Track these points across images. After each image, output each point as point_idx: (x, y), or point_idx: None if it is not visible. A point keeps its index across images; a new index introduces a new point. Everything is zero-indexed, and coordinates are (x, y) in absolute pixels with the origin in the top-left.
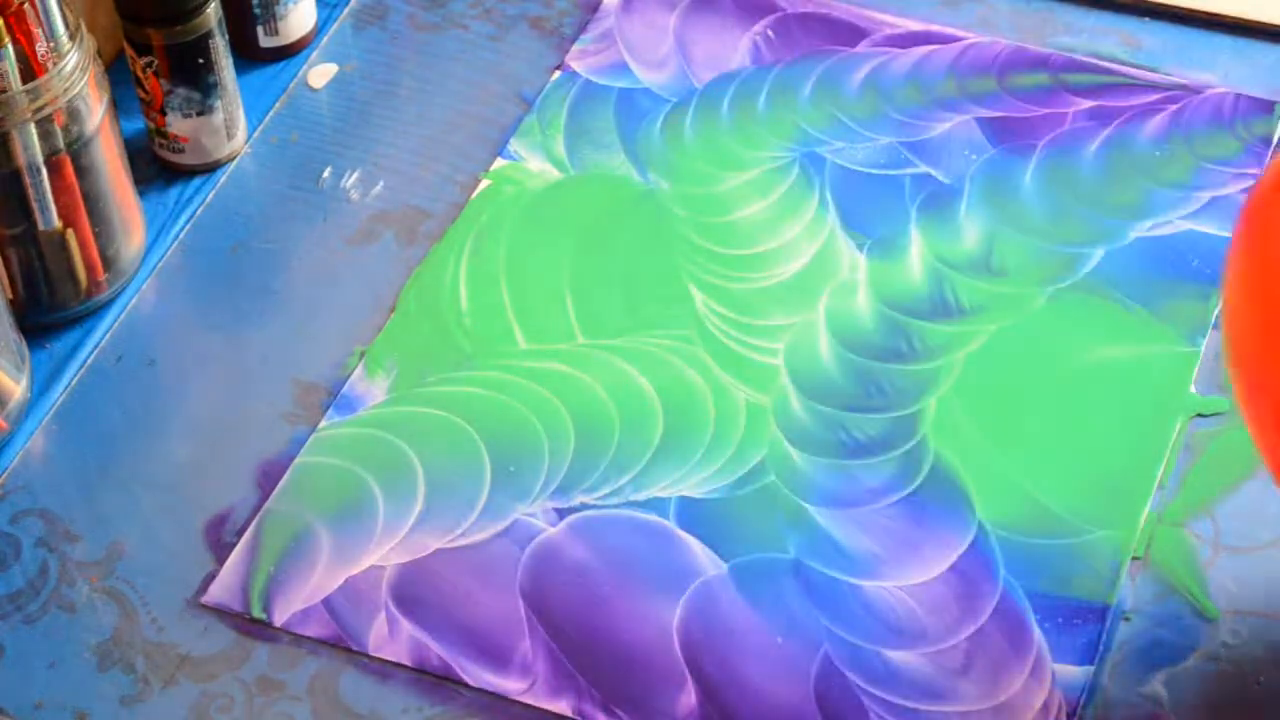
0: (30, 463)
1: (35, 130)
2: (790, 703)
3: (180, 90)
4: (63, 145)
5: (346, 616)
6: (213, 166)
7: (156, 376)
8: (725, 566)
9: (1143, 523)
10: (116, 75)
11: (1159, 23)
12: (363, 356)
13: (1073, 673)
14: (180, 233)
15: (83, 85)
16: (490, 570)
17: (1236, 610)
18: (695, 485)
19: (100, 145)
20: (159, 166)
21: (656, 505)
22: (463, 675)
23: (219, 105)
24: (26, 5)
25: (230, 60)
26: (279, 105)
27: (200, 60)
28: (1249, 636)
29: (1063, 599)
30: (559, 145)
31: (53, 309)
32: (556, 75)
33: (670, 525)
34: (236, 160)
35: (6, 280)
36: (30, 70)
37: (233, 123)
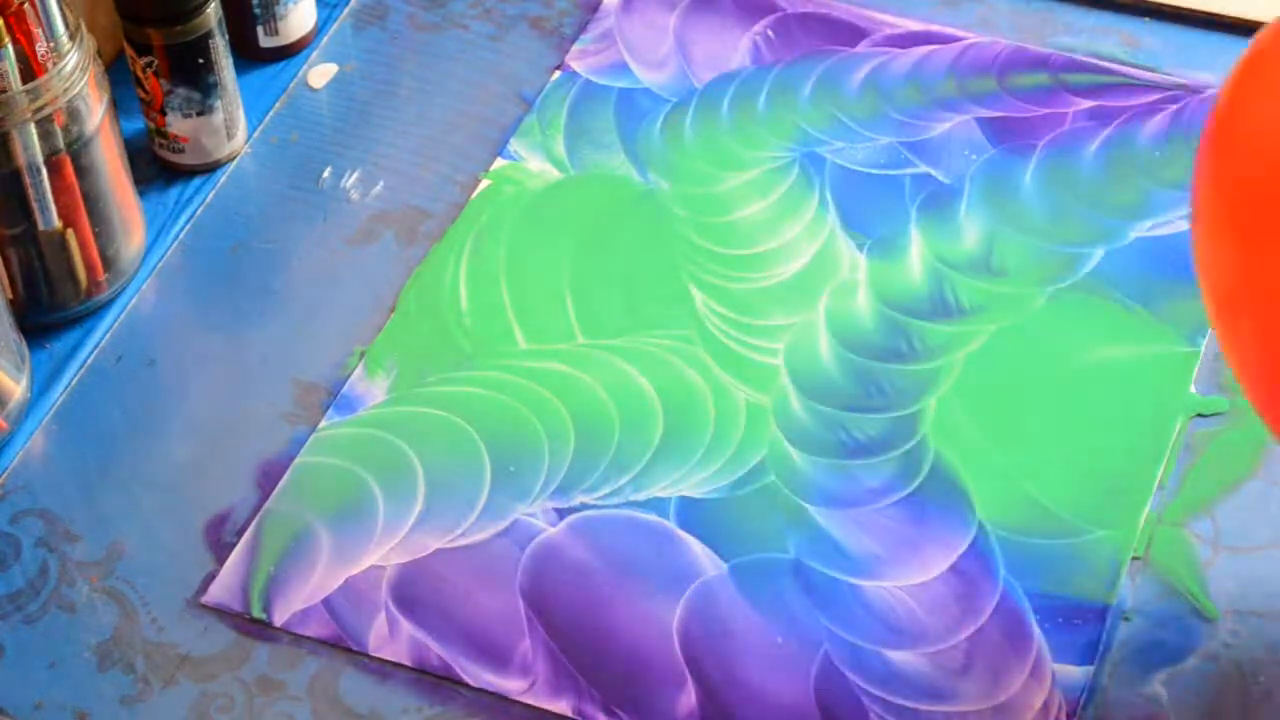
0: (30, 463)
1: (35, 130)
2: (790, 703)
3: (180, 90)
4: (63, 145)
5: (346, 616)
6: (213, 166)
7: (156, 376)
8: (725, 566)
9: (1143, 523)
10: (116, 75)
11: (1159, 23)
12: (363, 356)
13: (1073, 673)
14: (180, 233)
15: (83, 85)
16: (490, 570)
17: (1236, 610)
18: (695, 485)
19: (100, 145)
20: (159, 166)
21: (656, 505)
22: (463, 675)
23: (219, 105)
24: (26, 5)
25: (230, 60)
26: (279, 105)
27: (200, 60)
28: (1249, 636)
29: (1063, 599)
30: (559, 145)
31: (53, 309)
32: (556, 75)
33: (670, 525)
34: (236, 160)
35: (6, 280)
36: (30, 70)
37: (233, 123)
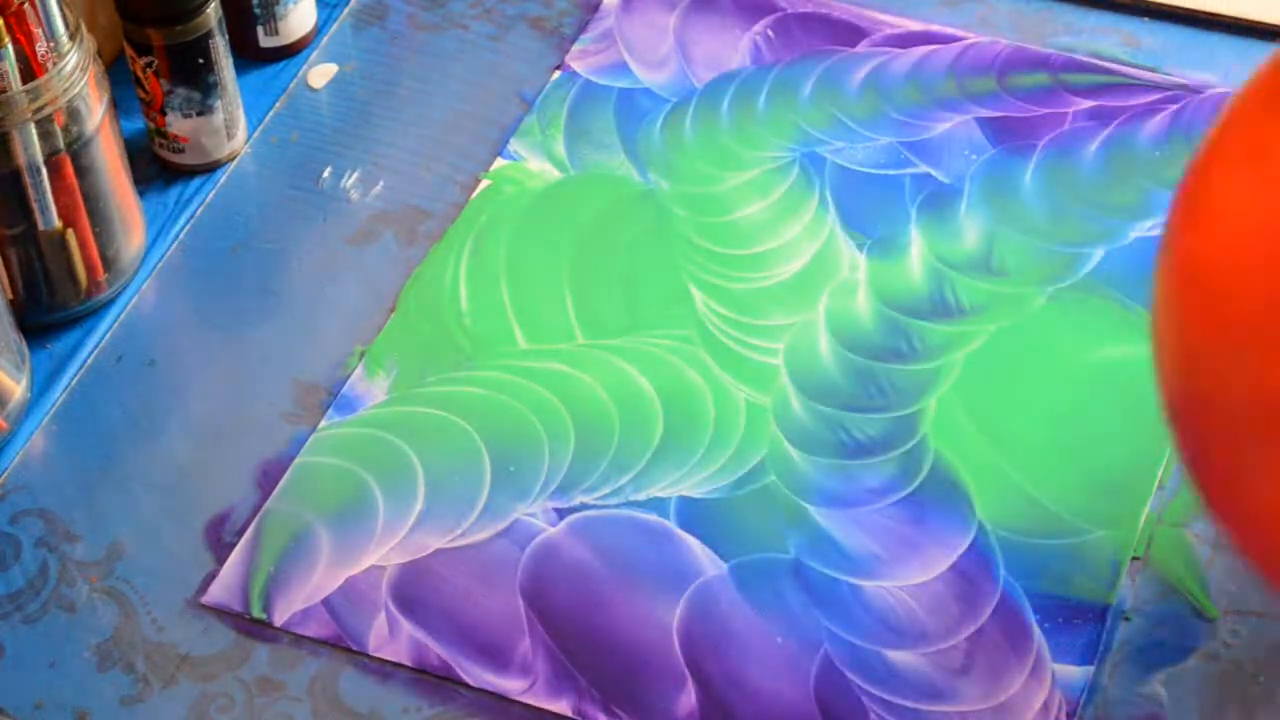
0: (30, 463)
1: (35, 130)
2: (790, 703)
3: (180, 90)
4: (63, 145)
5: (346, 616)
6: (213, 166)
7: (156, 376)
8: (725, 566)
9: (1143, 523)
10: (116, 75)
11: (1159, 23)
12: (363, 356)
13: (1073, 673)
14: (180, 233)
15: (83, 85)
16: (490, 570)
17: (1236, 610)
18: (695, 485)
19: (100, 145)
20: (159, 166)
21: (656, 505)
22: (463, 675)
23: (219, 105)
24: (26, 5)
25: (230, 60)
26: (279, 105)
27: (200, 60)
28: (1249, 636)
29: (1063, 599)
30: (559, 145)
31: (53, 309)
32: (556, 75)
33: (670, 525)
34: (236, 160)
35: (6, 280)
36: (30, 70)
37: (233, 123)
